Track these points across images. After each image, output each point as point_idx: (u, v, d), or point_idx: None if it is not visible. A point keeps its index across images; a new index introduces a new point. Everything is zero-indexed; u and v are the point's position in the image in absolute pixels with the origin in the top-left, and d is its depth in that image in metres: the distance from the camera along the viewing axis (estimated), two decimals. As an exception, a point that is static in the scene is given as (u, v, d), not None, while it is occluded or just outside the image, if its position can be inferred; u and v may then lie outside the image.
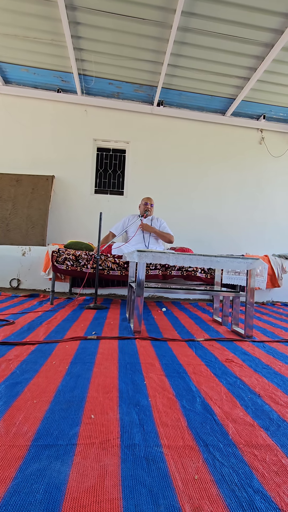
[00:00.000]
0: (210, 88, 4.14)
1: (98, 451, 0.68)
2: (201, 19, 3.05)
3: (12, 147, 4.45)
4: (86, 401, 0.92)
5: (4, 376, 1.09)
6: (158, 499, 0.55)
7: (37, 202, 4.22)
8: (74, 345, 1.51)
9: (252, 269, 1.93)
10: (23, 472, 0.60)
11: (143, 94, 4.41)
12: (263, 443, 0.75)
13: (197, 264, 1.87)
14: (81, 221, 4.48)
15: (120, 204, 4.59)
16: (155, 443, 0.72)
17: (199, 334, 1.90)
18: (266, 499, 0.56)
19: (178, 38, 3.30)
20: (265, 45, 3.34)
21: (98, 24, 3.21)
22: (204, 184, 4.76)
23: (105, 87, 4.30)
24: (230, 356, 1.48)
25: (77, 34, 3.37)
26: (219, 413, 0.89)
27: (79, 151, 4.57)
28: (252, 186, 4.87)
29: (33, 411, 0.85)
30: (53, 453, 0.67)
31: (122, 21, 3.14)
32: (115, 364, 1.26)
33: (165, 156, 4.70)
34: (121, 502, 0.53)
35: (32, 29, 3.33)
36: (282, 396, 1.03)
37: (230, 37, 3.24)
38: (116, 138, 4.67)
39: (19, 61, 3.89)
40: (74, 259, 2.84)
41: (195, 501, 0.55)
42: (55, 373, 1.13)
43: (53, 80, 4.23)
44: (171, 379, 1.14)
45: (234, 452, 0.71)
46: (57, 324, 1.98)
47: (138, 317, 1.83)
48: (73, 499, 0.54)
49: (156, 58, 3.66)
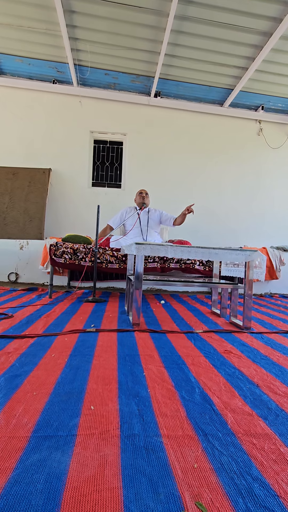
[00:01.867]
0: (208, 78, 4.09)
1: (98, 441, 0.69)
2: (198, 7, 2.99)
3: (8, 140, 4.40)
4: (85, 393, 0.92)
5: (3, 369, 1.09)
6: (158, 488, 0.55)
7: (34, 196, 4.19)
8: (73, 338, 1.51)
9: (250, 261, 1.93)
10: (23, 462, 0.61)
11: (140, 85, 4.34)
12: (261, 432, 0.76)
13: (195, 256, 1.87)
14: (79, 214, 4.46)
15: (117, 196, 4.57)
16: (154, 433, 0.73)
17: (197, 326, 1.91)
18: (264, 486, 0.57)
19: (175, 27, 3.24)
20: (263, 34, 3.29)
21: (94, 13, 3.14)
22: (203, 175, 4.73)
23: (101, 77, 4.23)
24: (229, 347, 1.49)
25: (72, 23, 3.30)
26: (218, 403, 0.90)
27: (76, 143, 4.52)
28: (250, 177, 4.85)
29: (33, 403, 0.85)
30: (53, 443, 0.67)
31: (118, 9, 3.07)
32: (114, 356, 1.27)
33: (162, 148, 4.66)
34: (121, 491, 0.54)
35: (26, 18, 3.26)
36: (280, 386, 1.04)
37: (228, 26, 3.19)
38: (113, 130, 4.61)
39: (14, 52, 3.82)
40: (72, 252, 2.83)
41: (194, 489, 0.55)
42: (54, 366, 1.14)
43: (48, 71, 4.16)
44: (170, 370, 1.15)
45: (233, 441, 0.71)
46: (56, 317, 1.98)
47: (137, 310, 1.83)
48: (73, 488, 0.54)
49: (153, 48, 3.60)
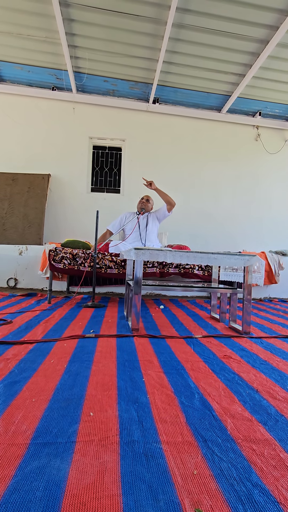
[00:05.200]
0: (206, 85, 4.14)
1: (97, 448, 0.69)
2: (196, 15, 3.04)
3: (8, 146, 4.42)
4: (85, 399, 0.92)
5: (2, 375, 1.09)
6: (157, 495, 0.55)
7: (33, 201, 4.20)
8: (72, 344, 1.51)
9: (249, 266, 1.94)
10: (22, 470, 0.60)
11: (139, 91, 4.39)
12: (261, 437, 0.76)
13: (194, 261, 1.87)
14: (78, 220, 4.47)
15: (116, 202, 4.58)
16: (154, 439, 0.73)
17: (197, 331, 1.91)
18: (264, 493, 0.57)
19: (173, 34, 3.29)
20: (260, 42, 3.34)
21: (93, 21, 3.19)
22: (201, 180, 4.76)
23: (100, 84, 4.28)
24: (228, 352, 1.48)
25: (71, 31, 3.34)
26: (218, 409, 0.90)
27: (75, 149, 4.55)
28: (248, 182, 4.88)
29: (32, 409, 0.85)
30: (53, 450, 0.67)
31: (117, 18, 3.12)
32: (114, 362, 1.27)
33: (161, 154, 4.69)
34: (121, 498, 0.54)
35: (26, 26, 3.30)
36: (280, 391, 1.04)
37: (225, 34, 3.24)
38: (112, 136, 4.65)
39: (13, 59, 3.86)
40: (71, 257, 2.84)
41: (194, 495, 0.55)
42: (53, 372, 1.13)
43: (47, 78, 4.20)
44: (170, 375, 1.14)
45: (232, 447, 0.71)
46: (55, 323, 1.97)
47: (136, 315, 1.83)
48: (73, 495, 0.54)
49: (151, 55, 3.65)
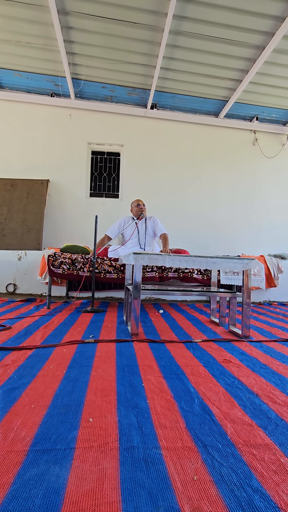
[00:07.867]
0: (203, 90, 4.17)
1: (96, 454, 0.68)
2: (192, 22, 3.08)
3: (6, 152, 4.44)
4: (84, 405, 0.91)
5: (1, 381, 1.08)
6: (157, 501, 0.55)
7: (32, 207, 4.21)
8: (72, 349, 1.51)
9: (248, 269, 1.94)
10: (21, 477, 0.60)
11: (137, 97, 4.43)
12: (261, 442, 0.75)
13: (193, 265, 1.88)
14: (77, 225, 4.48)
15: (115, 207, 4.59)
16: (153, 445, 0.72)
17: (196, 335, 1.91)
18: (265, 498, 0.56)
19: (170, 41, 3.32)
20: (256, 47, 3.38)
21: (90, 29, 3.23)
22: (198, 184, 4.78)
23: (98, 90, 4.31)
24: (228, 356, 1.48)
25: (70, 38, 3.38)
26: (218, 414, 0.89)
27: (74, 154, 4.57)
28: (246, 186, 4.90)
29: (31, 416, 0.84)
30: (52, 457, 0.67)
31: (115, 25, 3.15)
32: (113, 367, 1.26)
33: (159, 159, 4.72)
34: (120, 505, 0.53)
35: (25, 34, 3.34)
36: (280, 395, 1.03)
37: (222, 40, 3.28)
38: (110, 142, 4.67)
39: (12, 66, 3.90)
40: (71, 262, 2.84)
41: (194, 501, 0.55)
42: (52, 378, 1.13)
43: (46, 85, 4.24)
44: (169, 380, 1.14)
45: (232, 452, 0.71)
46: (54, 328, 1.97)
47: (136, 320, 1.83)
48: (72, 503, 0.53)
49: (148, 62, 3.68)
